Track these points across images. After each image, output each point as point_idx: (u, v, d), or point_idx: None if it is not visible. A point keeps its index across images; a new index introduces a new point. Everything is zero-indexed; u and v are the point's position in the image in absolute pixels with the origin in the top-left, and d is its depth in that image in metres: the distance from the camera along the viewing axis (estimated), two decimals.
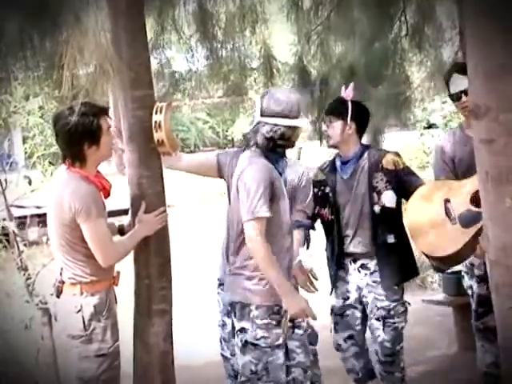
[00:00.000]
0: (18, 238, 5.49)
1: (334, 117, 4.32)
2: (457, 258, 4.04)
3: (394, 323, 4.35)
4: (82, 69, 4.85)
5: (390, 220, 4.33)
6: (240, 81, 6.24)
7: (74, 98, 4.92)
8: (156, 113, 3.85)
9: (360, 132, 4.40)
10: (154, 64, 6.08)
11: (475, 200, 4.02)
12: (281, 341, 3.68)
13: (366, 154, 4.37)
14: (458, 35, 5.80)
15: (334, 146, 4.38)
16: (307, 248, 4.15)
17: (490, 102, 2.83)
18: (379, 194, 4.30)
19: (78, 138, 3.65)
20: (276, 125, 3.63)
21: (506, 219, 2.86)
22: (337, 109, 4.35)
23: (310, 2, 5.87)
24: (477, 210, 3.99)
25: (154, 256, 3.98)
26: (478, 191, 3.94)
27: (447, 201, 4.09)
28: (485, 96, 2.84)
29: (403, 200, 4.37)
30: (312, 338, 4.28)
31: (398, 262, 4.31)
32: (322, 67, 5.97)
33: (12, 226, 5.43)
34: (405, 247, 4.38)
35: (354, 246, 4.34)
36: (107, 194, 3.82)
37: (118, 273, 3.90)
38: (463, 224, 3.99)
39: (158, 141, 3.87)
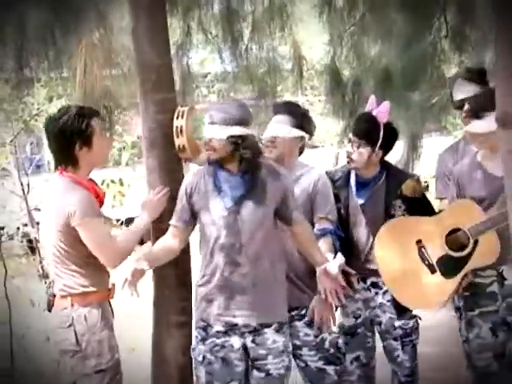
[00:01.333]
0: (40, 244, 5.45)
1: (364, 142, 4.11)
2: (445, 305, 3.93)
3: (411, 341, 4.23)
4: (106, 70, 4.84)
5: None
6: (272, 82, 6.16)
7: (97, 100, 4.91)
8: (177, 117, 3.78)
9: (384, 156, 4.24)
10: (186, 64, 6.03)
11: (451, 241, 3.91)
12: (200, 358, 3.68)
13: (384, 177, 4.19)
14: None
15: (355, 169, 4.23)
16: (335, 255, 3.99)
17: None
18: None
19: (68, 139, 3.61)
20: None
21: None
22: (368, 134, 4.12)
23: (343, 2, 5.75)
24: (456, 254, 3.90)
25: (173, 266, 3.91)
26: (454, 229, 3.89)
27: (420, 243, 3.96)
28: None
29: None
30: (333, 358, 4.13)
31: None
32: (355, 69, 5.84)
33: (34, 232, 5.40)
34: None
35: (363, 265, 4.17)
36: (101, 203, 3.76)
37: (114, 285, 3.78)
38: (445, 273, 3.89)
39: (179, 146, 3.80)
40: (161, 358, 4.01)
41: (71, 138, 3.61)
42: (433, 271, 3.92)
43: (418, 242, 3.97)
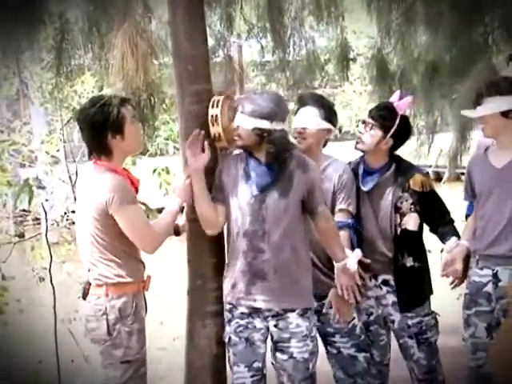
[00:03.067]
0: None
1: (377, 125, 4.19)
2: None
3: (427, 338, 4.28)
4: (150, 60, 4.95)
5: (411, 243, 4.24)
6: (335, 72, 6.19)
7: (146, 90, 5.03)
8: (213, 106, 3.88)
9: (393, 148, 4.29)
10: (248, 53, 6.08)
11: None
12: (226, 339, 3.90)
13: (392, 168, 4.25)
14: None
15: (362, 151, 4.28)
16: (353, 249, 4.07)
17: None
18: (402, 215, 4.21)
19: (100, 129, 3.65)
20: None
21: None
22: (383, 118, 4.20)
23: None
24: None
25: (208, 256, 4.02)
26: None
27: None
28: None
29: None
30: (363, 345, 4.21)
31: (416, 284, 4.22)
32: (403, 60, 5.85)
33: None
34: (423, 270, 4.30)
35: (372, 262, 4.19)
36: (136, 190, 3.80)
37: (149, 277, 3.87)
38: None
39: (214, 135, 3.90)
40: (195, 348, 4.11)
41: (103, 128, 3.65)
42: None
43: None
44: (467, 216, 4.58)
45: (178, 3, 3.96)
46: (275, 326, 3.84)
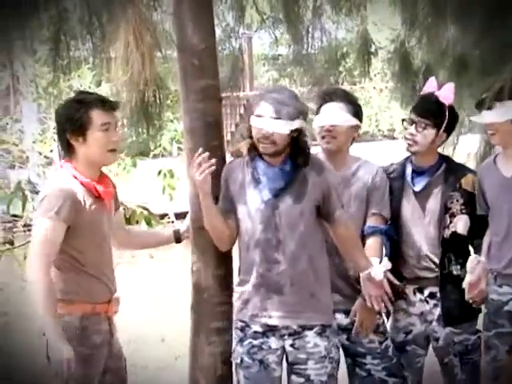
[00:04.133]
0: None
1: (430, 123, 4.18)
2: None
3: (472, 358, 4.25)
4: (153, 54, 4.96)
5: (459, 248, 4.22)
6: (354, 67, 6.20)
7: (145, 84, 5.04)
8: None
9: (446, 139, 4.32)
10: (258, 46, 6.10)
11: None
12: (238, 360, 3.84)
13: (442, 168, 4.26)
14: None
15: (415, 153, 4.27)
16: (386, 255, 4.07)
17: None
18: (452, 216, 4.19)
19: (61, 126, 3.72)
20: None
21: None
22: (434, 114, 4.19)
23: None
24: None
25: (213, 268, 4.02)
26: None
27: None
28: None
29: None
30: (394, 369, 4.19)
31: (463, 296, 4.15)
32: (428, 55, 5.84)
33: None
34: None
35: (417, 271, 4.22)
36: (102, 197, 3.74)
37: (115, 299, 3.79)
38: None
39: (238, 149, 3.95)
40: (199, 366, 4.09)
41: (64, 127, 3.70)
42: None
43: None
44: None
45: None
46: (291, 345, 3.81)
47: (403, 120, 4.31)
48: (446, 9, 5.70)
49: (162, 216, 6.36)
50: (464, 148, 6.10)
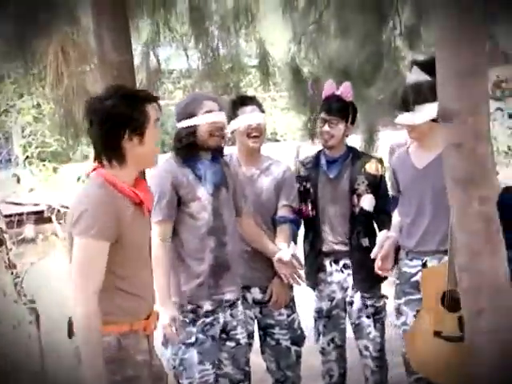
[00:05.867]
0: (7, 236, 5.60)
1: (339, 118, 4.43)
2: None
3: (381, 318, 4.52)
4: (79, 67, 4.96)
5: (367, 223, 4.49)
6: (238, 80, 6.36)
7: (66, 96, 5.04)
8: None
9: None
10: (154, 62, 6.22)
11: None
12: (192, 339, 3.89)
13: (350, 156, 4.51)
14: None
15: (331, 147, 4.48)
16: (295, 243, 4.27)
17: (458, 105, 2.92)
18: (359, 196, 4.44)
19: (117, 124, 2.94)
20: (178, 127, 3.94)
21: (473, 224, 2.96)
22: (340, 110, 4.44)
23: (304, 1, 5.96)
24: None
25: None
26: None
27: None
28: (453, 99, 2.93)
29: None
30: (298, 338, 4.40)
31: (372, 265, 4.38)
32: (315, 67, 6.05)
33: (1, 223, 5.55)
34: None
35: (332, 244, 4.46)
36: (147, 210, 3.10)
37: (154, 314, 3.17)
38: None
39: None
40: None
41: (121, 124, 2.94)
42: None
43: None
44: None
45: (102, 12, 4.03)
46: (230, 315, 4.01)
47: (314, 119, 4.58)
48: (329, 26, 5.93)
49: None
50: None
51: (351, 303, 4.51)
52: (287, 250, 4.16)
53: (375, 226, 4.53)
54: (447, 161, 3.03)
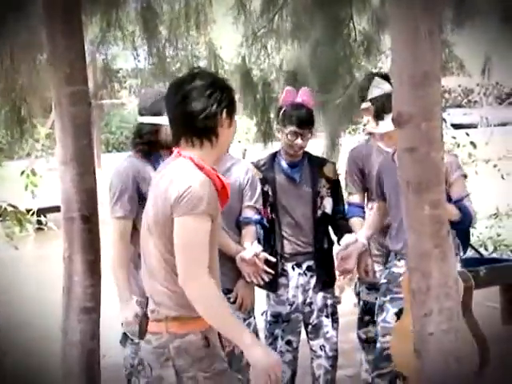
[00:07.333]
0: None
1: (308, 129, 4.42)
2: None
3: (337, 317, 4.59)
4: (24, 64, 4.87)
5: (326, 226, 4.56)
6: None
7: (12, 91, 4.93)
8: None
9: None
10: (100, 61, 6.15)
11: None
12: None
13: (306, 160, 4.53)
14: None
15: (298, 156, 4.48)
16: (258, 243, 4.25)
17: (412, 109, 2.94)
18: (322, 199, 4.49)
19: (216, 104, 2.82)
20: (138, 123, 3.93)
21: (425, 227, 2.99)
22: (311, 122, 4.44)
23: (257, 4, 5.95)
24: None
25: (81, 253, 4.02)
26: None
27: None
28: (408, 104, 2.95)
29: None
30: None
31: (331, 266, 4.48)
32: (265, 70, 6.05)
33: None
34: (332, 253, 4.62)
35: (296, 247, 4.48)
36: (226, 198, 2.99)
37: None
38: None
39: None
40: (69, 343, 4.08)
41: (219, 105, 2.82)
42: None
43: None
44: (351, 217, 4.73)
45: (54, 7, 3.95)
46: None
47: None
48: (282, 30, 5.94)
49: (29, 211, 6.26)
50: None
51: (310, 304, 4.53)
52: (250, 248, 4.14)
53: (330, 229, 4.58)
54: (400, 164, 3.06)
